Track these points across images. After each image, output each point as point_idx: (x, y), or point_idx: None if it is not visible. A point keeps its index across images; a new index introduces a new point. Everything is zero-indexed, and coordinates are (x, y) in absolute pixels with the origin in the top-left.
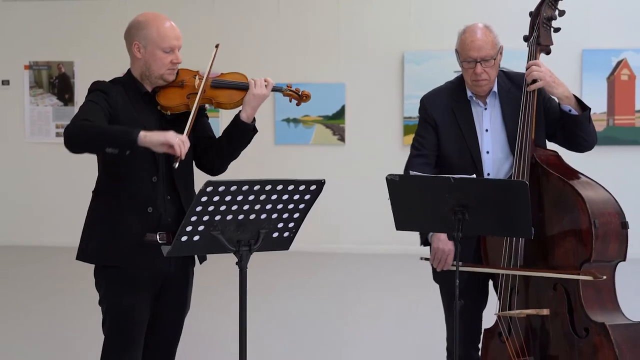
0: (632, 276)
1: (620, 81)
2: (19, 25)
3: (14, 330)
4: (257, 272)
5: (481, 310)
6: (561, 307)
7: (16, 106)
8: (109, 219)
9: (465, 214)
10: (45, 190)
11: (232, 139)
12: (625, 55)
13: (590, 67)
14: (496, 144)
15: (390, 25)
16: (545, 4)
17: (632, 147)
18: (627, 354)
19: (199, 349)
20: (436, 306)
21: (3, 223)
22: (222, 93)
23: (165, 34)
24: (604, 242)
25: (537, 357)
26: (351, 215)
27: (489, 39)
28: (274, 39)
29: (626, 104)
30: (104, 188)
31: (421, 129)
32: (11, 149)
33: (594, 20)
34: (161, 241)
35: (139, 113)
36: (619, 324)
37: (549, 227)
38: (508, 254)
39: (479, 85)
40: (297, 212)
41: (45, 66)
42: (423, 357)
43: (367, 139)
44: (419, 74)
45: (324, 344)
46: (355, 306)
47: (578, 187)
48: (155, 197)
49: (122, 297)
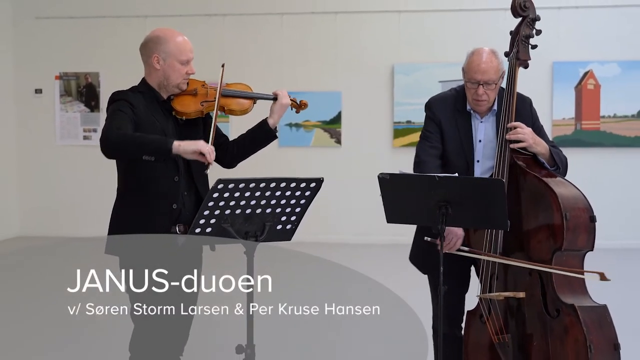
0: (599, 264)
1: (586, 90)
2: (50, 41)
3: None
4: (262, 259)
5: (464, 294)
6: (535, 291)
7: (48, 112)
8: (137, 216)
9: (449, 209)
10: (73, 187)
11: (255, 140)
12: (591, 67)
13: (560, 77)
14: (486, 153)
15: (382, 40)
16: (524, 23)
17: (597, 148)
18: (593, 332)
19: (211, 328)
20: (423, 290)
21: (36, 216)
22: (232, 101)
23: (183, 48)
24: (574, 234)
25: (514, 335)
26: (347, 210)
27: (494, 64)
28: (278, 53)
29: (592, 111)
30: (130, 187)
31: (428, 124)
32: (43, 151)
33: (564, 36)
34: (180, 233)
35: (157, 119)
36: (587, 306)
37: (525, 220)
38: (488, 243)
39: (478, 105)
40: (299, 206)
41: (73, 76)
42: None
43: (361, 141)
44: (407, 83)
45: (322, 324)
46: (349, 289)
47: (551, 184)
48: (177, 194)
49: None
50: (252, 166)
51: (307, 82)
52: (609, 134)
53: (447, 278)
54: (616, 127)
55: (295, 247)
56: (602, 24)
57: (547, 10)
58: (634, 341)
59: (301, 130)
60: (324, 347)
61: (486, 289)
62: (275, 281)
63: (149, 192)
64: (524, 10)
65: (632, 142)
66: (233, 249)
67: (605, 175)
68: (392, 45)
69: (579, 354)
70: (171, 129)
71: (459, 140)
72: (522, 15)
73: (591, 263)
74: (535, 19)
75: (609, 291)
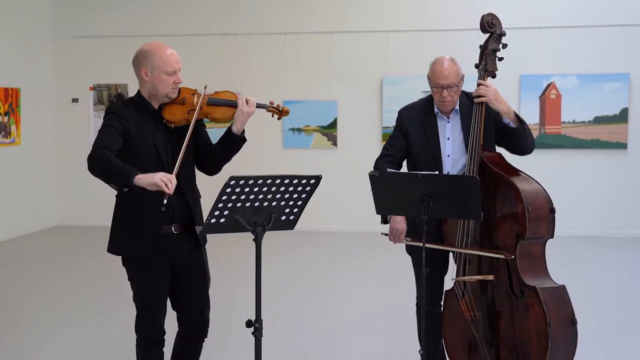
0: (558, 250)
1: (549, 99)
2: (85, 56)
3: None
4: (268, 246)
5: (443, 276)
6: (502, 274)
7: (83, 119)
8: (129, 217)
9: (430, 202)
10: (104, 183)
11: (225, 147)
12: (553, 79)
13: (526, 88)
14: (455, 148)
15: (372, 56)
16: (491, 38)
17: (559, 150)
18: (552, 310)
19: (225, 307)
20: (408, 273)
21: (73, 208)
22: (217, 110)
23: (168, 60)
24: (536, 224)
25: (485, 313)
26: (342, 203)
27: (454, 69)
28: (281, 67)
29: (554, 117)
30: (124, 192)
31: (394, 134)
32: (79, 151)
33: (529, 53)
34: (176, 231)
35: (148, 128)
36: (547, 287)
37: (493, 212)
38: (461, 232)
39: (444, 106)
40: (300, 200)
41: (105, 87)
42: (398, 311)
43: (354, 144)
44: (394, 93)
45: (320, 302)
46: (345, 272)
47: (515, 181)
48: (166, 198)
49: (145, 280)
50: (260, 165)
51: (307, 92)
52: (569, 137)
53: (428, 263)
54: (575, 131)
55: (297, 235)
56: (563, 42)
57: (515, 30)
58: (589, 316)
59: (302, 134)
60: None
61: (460, 272)
62: (279, 263)
63: (138, 196)
64: (491, 27)
65: (589, 144)
66: (244, 236)
67: (566, 173)
68: (381, 61)
69: (540, 328)
70: (161, 136)
71: (426, 139)
72: (489, 31)
73: (552, 249)
74: (502, 34)
75: (567, 273)
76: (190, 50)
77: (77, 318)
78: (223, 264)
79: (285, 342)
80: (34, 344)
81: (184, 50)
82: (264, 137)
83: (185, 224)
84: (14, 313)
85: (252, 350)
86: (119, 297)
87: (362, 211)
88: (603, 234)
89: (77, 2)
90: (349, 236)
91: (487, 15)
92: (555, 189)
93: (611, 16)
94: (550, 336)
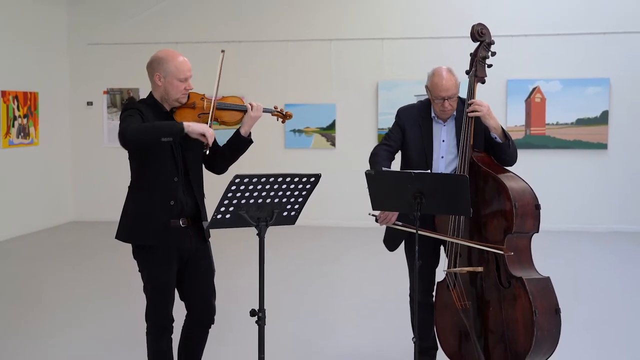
0: (543, 243)
1: (534, 102)
2: (99, 62)
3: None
4: (271, 240)
5: (435, 268)
6: (491, 266)
7: (97, 121)
8: (140, 208)
9: (423, 199)
10: (116, 181)
11: (233, 149)
12: (538, 84)
13: (513, 92)
14: (449, 150)
15: (368, 62)
16: (481, 47)
17: (543, 150)
18: (538, 300)
19: (230, 297)
20: (402, 265)
21: (87, 204)
22: (226, 114)
23: (181, 68)
24: (522, 219)
25: (474, 302)
26: (340, 199)
27: (453, 81)
28: (283, 72)
29: (539, 119)
30: (137, 184)
31: (393, 128)
32: (93, 151)
33: (516, 59)
34: (184, 225)
35: None
36: (533, 278)
37: (482, 208)
38: (452, 227)
39: (445, 114)
40: (301, 197)
41: (118, 91)
42: (392, 301)
43: (352, 144)
44: (389, 97)
45: (320, 292)
46: (343, 265)
47: (503, 179)
48: (176, 192)
49: (155, 268)
50: (263, 164)
51: (307, 95)
52: (552, 138)
53: (421, 255)
54: (558, 132)
55: (298, 230)
56: (547, 49)
57: (502, 37)
58: (572, 306)
59: (303, 135)
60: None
61: (451, 264)
62: (280, 256)
63: (152, 189)
64: (481, 36)
65: (571, 145)
66: (248, 231)
67: (550, 171)
68: (377, 66)
69: (526, 317)
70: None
71: (421, 141)
72: (479, 40)
73: (538, 242)
74: (491, 43)
75: (552, 265)
76: (196, 57)
77: (93, 306)
78: (229, 257)
79: (287, 330)
80: (53, 332)
81: (190, 56)
82: (267, 137)
83: (193, 218)
84: (34, 303)
85: (256, 336)
86: (131, 288)
87: (359, 207)
88: (585, 228)
89: (91, 12)
90: (346, 231)
91: (477, 25)
92: (540, 186)
93: (592, 24)
94: (535, 324)
